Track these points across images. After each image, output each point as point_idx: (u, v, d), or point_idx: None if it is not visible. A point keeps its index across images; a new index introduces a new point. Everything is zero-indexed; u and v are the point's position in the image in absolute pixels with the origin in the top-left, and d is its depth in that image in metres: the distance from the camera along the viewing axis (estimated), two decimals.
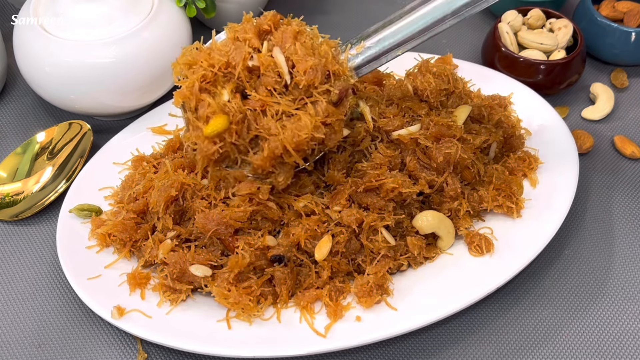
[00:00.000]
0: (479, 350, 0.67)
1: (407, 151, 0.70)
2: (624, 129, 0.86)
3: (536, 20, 0.90)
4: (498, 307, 0.70)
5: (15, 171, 0.80)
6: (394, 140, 0.70)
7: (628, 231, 0.76)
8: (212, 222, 0.65)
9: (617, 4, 0.92)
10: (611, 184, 0.81)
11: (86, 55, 0.76)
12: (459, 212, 0.70)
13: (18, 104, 0.90)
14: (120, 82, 0.78)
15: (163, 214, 0.68)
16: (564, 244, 0.75)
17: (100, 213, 0.73)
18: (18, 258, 0.74)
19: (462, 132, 0.71)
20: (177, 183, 0.68)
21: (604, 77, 0.93)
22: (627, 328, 0.69)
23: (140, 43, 0.78)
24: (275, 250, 0.66)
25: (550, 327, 0.69)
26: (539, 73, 0.85)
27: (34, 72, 0.79)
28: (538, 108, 0.81)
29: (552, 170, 0.75)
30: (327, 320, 0.64)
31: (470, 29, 1.00)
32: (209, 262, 0.66)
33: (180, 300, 0.66)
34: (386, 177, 0.67)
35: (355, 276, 0.67)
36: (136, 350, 0.67)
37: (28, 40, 0.78)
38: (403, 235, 0.69)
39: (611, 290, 0.71)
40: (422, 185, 0.68)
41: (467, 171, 0.71)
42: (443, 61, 0.85)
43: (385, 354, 0.67)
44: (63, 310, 0.70)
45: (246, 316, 0.64)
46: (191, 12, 0.85)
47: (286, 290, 0.66)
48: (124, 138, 0.80)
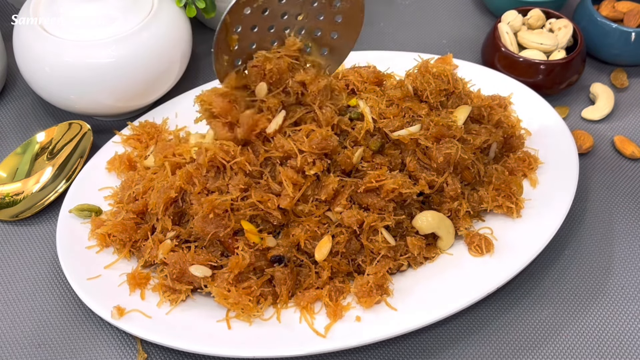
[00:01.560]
0: (479, 350, 0.67)
1: (407, 152, 0.70)
2: (624, 129, 0.86)
3: (536, 20, 0.90)
4: (498, 307, 0.70)
5: (15, 171, 0.80)
6: (394, 141, 0.70)
7: (628, 231, 0.76)
8: (210, 225, 0.65)
9: (617, 4, 0.92)
10: (611, 184, 0.81)
11: (86, 55, 0.76)
12: (459, 212, 0.70)
13: (18, 104, 0.90)
14: (120, 82, 0.78)
15: (162, 216, 0.68)
16: (564, 244, 0.75)
17: (100, 213, 0.73)
18: (18, 258, 0.74)
19: (462, 132, 0.70)
20: (176, 185, 0.68)
21: (604, 77, 0.93)
22: (627, 328, 0.69)
23: (140, 43, 0.78)
24: (275, 250, 0.66)
25: (550, 327, 0.69)
26: (539, 73, 0.85)
27: (34, 72, 0.79)
28: (538, 108, 0.81)
29: (552, 171, 0.75)
30: (327, 320, 0.64)
31: (470, 29, 1.00)
32: (209, 262, 0.66)
33: (180, 301, 0.66)
34: (386, 177, 0.67)
35: (355, 276, 0.67)
36: (136, 351, 0.67)
37: (28, 40, 0.78)
38: (403, 235, 0.69)
39: (611, 290, 0.71)
40: (422, 186, 0.68)
41: (467, 171, 0.71)
42: (443, 61, 0.85)
43: (385, 354, 0.67)
44: (63, 310, 0.70)
45: (246, 316, 0.64)
46: (191, 12, 0.85)
47: (286, 290, 0.66)
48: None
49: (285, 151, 0.66)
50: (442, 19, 1.02)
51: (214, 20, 0.94)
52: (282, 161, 0.67)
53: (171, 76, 0.83)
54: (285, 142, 0.66)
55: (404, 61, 0.84)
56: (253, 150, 0.67)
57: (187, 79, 0.92)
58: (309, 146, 0.66)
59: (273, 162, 0.67)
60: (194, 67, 0.94)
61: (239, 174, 0.66)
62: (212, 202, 0.64)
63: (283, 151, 0.66)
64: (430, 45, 0.97)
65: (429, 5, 1.04)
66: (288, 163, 0.66)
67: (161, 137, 0.79)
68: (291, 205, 0.65)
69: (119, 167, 0.77)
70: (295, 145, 0.66)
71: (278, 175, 0.66)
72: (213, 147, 0.67)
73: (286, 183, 0.65)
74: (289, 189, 0.65)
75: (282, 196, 0.65)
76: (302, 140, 0.66)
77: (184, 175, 0.67)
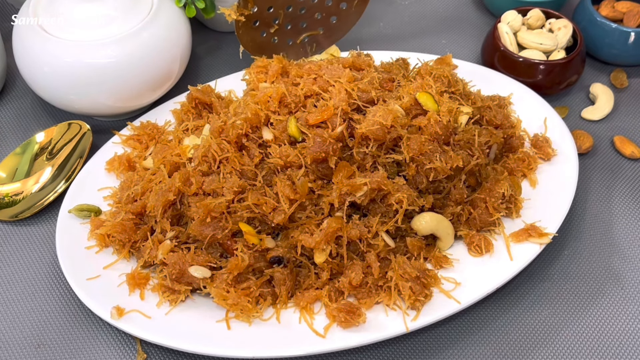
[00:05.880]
0: (479, 350, 0.67)
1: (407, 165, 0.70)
2: (624, 129, 0.86)
3: (536, 20, 0.90)
4: (498, 307, 0.70)
5: (15, 171, 0.80)
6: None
7: (628, 231, 0.76)
8: (208, 228, 0.65)
9: (617, 4, 0.92)
10: (611, 184, 0.81)
11: (85, 55, 0.76)
12: (461, 217, 0.70)
13: (17, 104, 0.90)
14: (119, 82, 0.78)
15: (160, 219, 0.68)
16: (564, 244, 0.75)
17: (100, 213, 0.73)
18: (17, 258, 0.74)
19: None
20: (174, 187, 0.68)
21: (603, 77, 0.93)
22: (627, 328, 0.69)
23: (140, 43, 0.78)
24: (274, 251, 0.66)
25: (550, 327, 0.69)
26: (539, 73, 0.85)
27: (34, 72, 0.79)
28: (538, 108, 0.81)
29: (551, 171, 0.75)
30: (326, 320, 0.64)
31: (470, 29, 1.00)
32: (208, 263, 0.66)
33: (179, 301, 0.66)
34: (388, 186, 0.66)
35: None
36: (135, 351, 0.67)
37: (27, 40, 0.78)
38: (403, 236, 0.69)
39: (611, 290, 0.71)
40: (428, 203, 0.68)
41: (472, 177, 0.71)
42: (442, 61, 0.85)
43: (385, 354, 0.67)
44: (62, 310, 0.70)
45: (245, 317, 0.64)
46: (191, 13, 0.85)
47: (285, 291, 0.66)
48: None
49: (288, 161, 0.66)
50: (442, 19, 1.02)
51: (213, 20, 0.94)
52: (281, 169, 0.67)
53: (171, 76, 0.83)
54: (291, 151, 0.66)
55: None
56: (248, 154, 0.68)
57: (187, 79, 0.92)
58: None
59: (269, 167, 0.67)
60: (194, 67, 0.94)
61: (234, 176, 0.66)
62: (208, 205, 0.65)
63: (285, 161, 0.66)
64: (430, 45, 0.97)
65: (429, 5, 1.04)
66: (287, 172, 0.67)
67: (161, 138, 0.79)
68: (285, 221, 0.66)
69: (118, 167, 0.77)
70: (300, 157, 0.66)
71: (274, 187, 0.66)
72: (208, 142, 0.67)
73: (283, 199, 0.65)
74: (284, 206, 0.65)
75: (277, 211, 0.66)
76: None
77: (182, 177, 0.67)
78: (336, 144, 0.66)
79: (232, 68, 0.93)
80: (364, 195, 0.65)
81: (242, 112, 0.69)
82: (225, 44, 0.98)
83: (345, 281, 0.65)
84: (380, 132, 0.66)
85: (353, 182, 0.65)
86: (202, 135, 0.73)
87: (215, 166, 0.68)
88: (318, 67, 0.74)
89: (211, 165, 0.68)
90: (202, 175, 0.68)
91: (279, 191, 0.66)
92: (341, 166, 0.66)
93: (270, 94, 0.70)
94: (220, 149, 0.67)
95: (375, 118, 0.67)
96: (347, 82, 0.70)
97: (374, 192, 0.66)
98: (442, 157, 0.68)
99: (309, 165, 0.66)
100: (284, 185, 0.66)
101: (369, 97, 0.70)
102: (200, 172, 0.68)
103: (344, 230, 0.65)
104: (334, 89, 0.69)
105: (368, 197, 0.66)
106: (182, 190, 0.67)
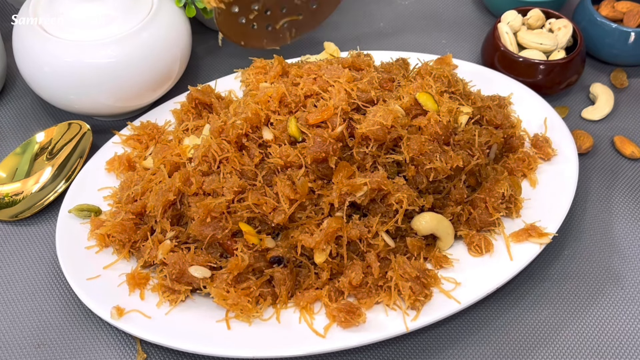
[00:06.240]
0: (479, 350, 0.67)
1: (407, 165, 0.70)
2: (624, 129, 0.86)
3: (536, 20, 0.90)
4: (498, 307, 0.70)
5: (15, 171, 0.80)
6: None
7: (628, 231, 0.76)
8: (208, 228, 0.65)
9: (617, 4, 0.92)
10: (611, 184, 0.81)
11: (85, 55, 0.76)
12: (461, 217, 0.70)
13: (17, 104, 0.90)
14: (119, 82, 0.78)
15: (160, 218, 0.68)
16: (564, 244, 0.75)
17: (100, 213, 0.73)
18: (17, 258, 0.74)
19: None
20: (174, 187, 0.68)
21: (603, 77, 0.93)
22: (627, 328, 0.69)
23: (140, 43, 0.78)
24: (274, 251, 0.66)
25: (550, 327, 0.69)
26: (539, 73, 0.85)
27: (34, 72, 0.79)
28: (538, 108, 0.81)
29: (551, 171, 0.75)
30: (326, 320, 0.64)
31: (470, 29, 1.00)
32: (208, 263, 0.66)
33: (179, 301, 0.66)
34: (388, 186, 0.67)
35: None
36: (135, 351, 0.67)
37: (27, 40, 0.78)
38: (403, 236, 0.69)
39: (610, 291, 0.71)
40: (428, 203, 0.68)
41: (472, 177, 0.71)
42: (442, 61, 0.85)
43: (385, 354, 0.67)
44: (62, 310, 0.70)
45: (245, 317, 0.64)
46: (191, 12, 0.85)
47: (285, 291, 0.66)
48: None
49: (288, 161, 0.66)
50: (442, 19, 1.02)
51: (213, 20, 0.94)
52: (281, 169, 0.67)
53: (171, 76, 0.83)
54: (291, 151, 0.66)
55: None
56: (248, 154, 0.68)
57: (187, 79, 0.92)
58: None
59: (269, 167, 0.68)
60: (194, 67, 0.94)
61: (234, 176, 0.66)
62: (208, 205, 0.65)
63: (285, 161, 0.67)
64: (430, 45, 0.97)
65: (429, 5, 1.04)
66: (287, 172, 0.67)
67: (161, 138, 0.79)
68: (285, 221, 0.66)
69: (118, 167, 0.77)
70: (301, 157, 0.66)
71: (275, 187, 0.66)
72: (208, 142, 0.67)
73: (283, 199, 0.65)
74: (284, 206, 0.65)
75: (277, 211, 0.66)
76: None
77: (182, 177, 0.67)
78: (336, 143, 0.66)
79: (232, 68, 0.93)
80: (364, 195, 0.66)
81: (242, 112, 0.69)
82: (226, 44, 0.98)
83: (345, 281, 0.65)
84: (380, 132, 0.66)
85: (353, 182, 0.65)
86: (202, 135, 0.73)
87: (215, 166, 0.68)
88: (318, 67, 0.74)
89: (211, 165, 0.68)
90: (202, 175, 0.68)
91: (279, 191, 0.66)
92: (341, 166, 0.67)
93: (271, 94, 0.70)
94: (220, 149, 0.68)
95: (375, 118, 0.67)
96: (346, 82, 0.70)
97: (374, 192, 0.66)
98: (442, 157, 0.68)
99: (309, 165, 0.66)
100: (284, 185, 0.66)
101: (368, 97, 0.70)
102: (200, 172, 0.68)
103: (344, 230, 0.65)
104: (334, 89, 0.69)
105: (368, 197, 0.66)
106: (182, 190, 0.67)
